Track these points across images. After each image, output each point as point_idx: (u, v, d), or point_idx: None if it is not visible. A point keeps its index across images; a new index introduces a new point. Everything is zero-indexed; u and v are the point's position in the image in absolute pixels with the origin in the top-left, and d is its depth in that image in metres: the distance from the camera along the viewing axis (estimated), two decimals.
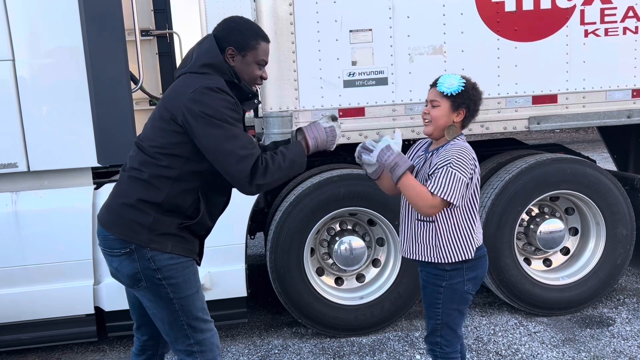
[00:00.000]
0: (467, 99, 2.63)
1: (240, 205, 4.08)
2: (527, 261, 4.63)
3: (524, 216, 4.54)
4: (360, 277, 4.52)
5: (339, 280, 4.52)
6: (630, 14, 4.26)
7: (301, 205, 4.14)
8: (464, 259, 2.67)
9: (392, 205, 4.20)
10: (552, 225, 4.48)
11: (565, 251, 4.69)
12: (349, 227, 4.49)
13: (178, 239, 2.44)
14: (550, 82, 4.29)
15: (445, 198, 2.51)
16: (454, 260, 2.67)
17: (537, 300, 4.45)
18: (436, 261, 2.68)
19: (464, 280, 2.70)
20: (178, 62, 5.74)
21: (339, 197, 4.17)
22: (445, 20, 4.10)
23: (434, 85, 2.68)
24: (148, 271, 2.40)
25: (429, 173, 2.62)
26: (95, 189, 3.95)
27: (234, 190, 4.04)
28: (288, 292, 4.22)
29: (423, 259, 2.72)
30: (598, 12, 4.23)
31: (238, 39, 2.46)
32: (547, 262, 4.70)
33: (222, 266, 4.07)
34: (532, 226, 4.53)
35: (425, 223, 2.70)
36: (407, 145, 4.85)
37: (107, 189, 3.86)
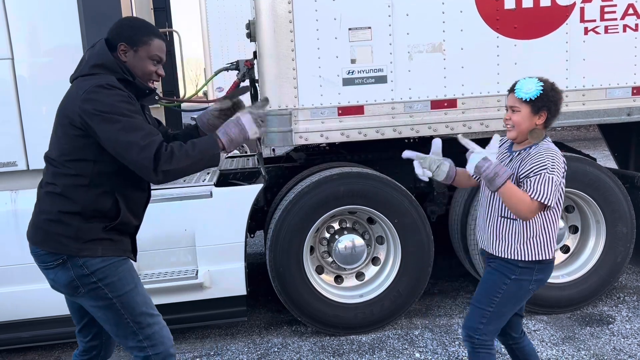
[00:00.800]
0: (547, 102, 2.64)
1: (240, 204, 4.09)
2: None
3: None
4: (359, 276, 4.52)
5: (338, 279, 4.52)
6: (630, 11, 4.25)
7: (301, 203, 4.14)
8: (541, 258, 2.70)
9: (392, 204, 4.21)
10: None
11: (565, 249, 4.68)
12: (349, 225, 4.49)
13: (107, 242, 2.49)
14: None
15: (544, 202, 2.54)
16: (532, 259, 2.70)
17: (537, 298, 4.43)
18: (516, 258, 2.71)
19: (532, 279, 2.74)
20: (178, 60, 5.74)
21: (338, 196, 4.17)
22: (445, 18, 4.09)
23: (511, 90, 2.69)
24: (82, 278, 2.45)
25: (520, 175, 2.64)
26: None
27: (234, 191, 4.07)
28: (288, 291, 4.22)
29: (504, 256, 2.74)
30: (598, 9, 4.22)
31: (129, 35, 2.50)
32: None
33: (222, 265, 4.08)
34: None
35: (508, 220, 2.73)
36: (408, 144, 4.84)
37: None
